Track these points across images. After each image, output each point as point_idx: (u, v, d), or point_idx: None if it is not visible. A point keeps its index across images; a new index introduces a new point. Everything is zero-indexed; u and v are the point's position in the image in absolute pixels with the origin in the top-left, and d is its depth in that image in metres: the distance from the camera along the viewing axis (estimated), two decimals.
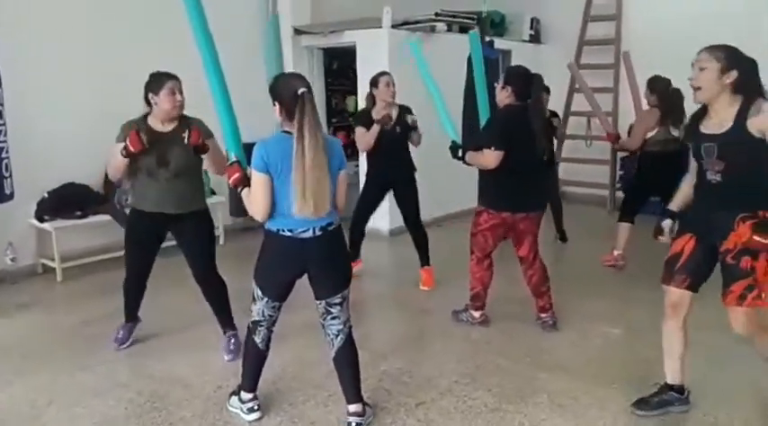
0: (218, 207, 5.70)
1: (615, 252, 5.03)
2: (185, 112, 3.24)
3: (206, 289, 3.40)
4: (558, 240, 5.80)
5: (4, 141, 3.53)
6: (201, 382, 3.13)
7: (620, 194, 7.36)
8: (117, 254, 4.88)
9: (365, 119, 4.29)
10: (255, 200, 2.47)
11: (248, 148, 2.81)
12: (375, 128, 4.19)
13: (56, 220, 4.73)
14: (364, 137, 4.24)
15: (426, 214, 6.32)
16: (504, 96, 3.50)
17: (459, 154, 3.73)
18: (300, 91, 2.38)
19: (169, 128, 3.20)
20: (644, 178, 4.88)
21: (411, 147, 4.47)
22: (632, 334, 3.73)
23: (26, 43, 4.60)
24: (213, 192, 5.67)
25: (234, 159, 2.69)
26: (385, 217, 5.79)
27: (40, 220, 4.70)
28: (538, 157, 3.53)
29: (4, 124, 3.50)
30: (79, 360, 3.37)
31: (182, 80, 3.21)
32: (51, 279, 4.75)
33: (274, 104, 2.50)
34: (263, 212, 2.48)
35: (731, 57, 2.41)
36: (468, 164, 3.71)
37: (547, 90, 5.03)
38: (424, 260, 4.59)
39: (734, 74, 2.39)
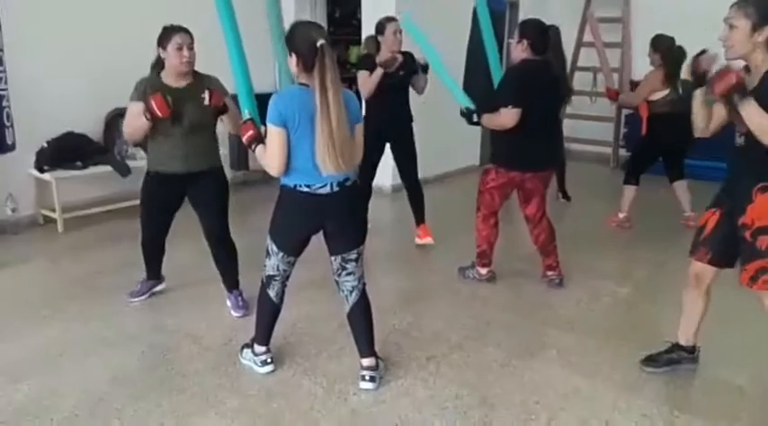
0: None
1: (620, 215, 5.03)
2: (198, 69, 3.13)
3: (218, 250, 3.36)
4: (560, 198, 5.78)
5: (5, 89, 3.40)
6: (212, 335, 3.14)
7: (623, 152, 7.35)
8: (118, 206, 4.88)
9: (369, 63, 4.10)
10: (272, 155, 2.42)
11: (258, 99, 2.77)
12: (378, 71, 4.00)
13: (56, 170, 4.64)
14: (367, 82, 4.04)
15: (428, 171, 6.31)
16: (520, 50, 3.40)
17: (475, 118, 3.59)
18: (320, 43, 2.29)
19: (183, 83, 3.09)
20: (653, 141, 4.82)
21: (412, 98, 4.33)
22: (639, 293, 3.75)
23: None
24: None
25: (248, 116, 2.63)
26: (387, 173, 5.73)
27: (40, 171, 4.62)
28: (553, 114, 3.47)
29: (4, 71, 3.37)
30: (89, 311, 3.37)
31: (201, 28, 3.10)
32: (52, 230, 4.70)
33: (290, 55, 2.41)
34: (279, 167, 2.43)
35: (765, 13, 2.26)
36: (482, 126, 3.63)
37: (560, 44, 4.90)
38: (420, 217, 4.52)
39: (767, 31, 2.26)
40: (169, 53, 3.00)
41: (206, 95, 3.03)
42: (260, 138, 2.53)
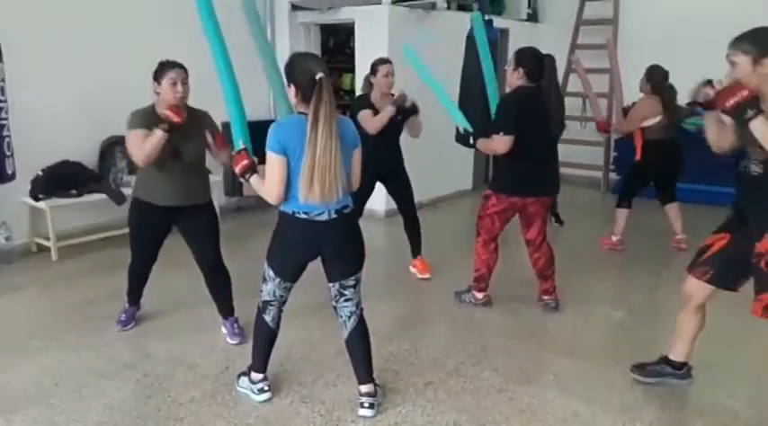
0: (213, 186, 5.60)
1: (614, 238, 5.08)
2: (192, 99, 3.17)
3: (212, 279, 3.39)
4: (553, 222, 5.81)
5: (6, 119, 3.43)
6: (208, 363, 3.13)
7: (613, 176, 7.42)
8: (112, 233, 4.87)
9: (366, 102, 4.13)
10: (271, 183, 2.44)
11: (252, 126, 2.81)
12: (390, 109, 3.96)
13: (50, 199, 4.65)
14: (372, 121, 3.98)
15: (421, 195, 6.34)
16: (515, 78, 3.46)
17: (471, 142, 3.64)
18: (318, 76, 2.34)
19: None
20: (646, 166, 4.89)
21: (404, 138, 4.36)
22: (634, 316, 3.77)
23: (26, 22, 4.50)
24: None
25: (241, 146, 2.66)
26: (380, 198, 5.75)
27: (35, 199, 4.62)
28: (550, 140, 3.52)
29: (5, 101, 3.40)
30: (83, 341, 3.35)
31: (196, 59, 3.15)
32: (46, 258, 4.69)
33: (289, 86, 2.45)
34: (277, 195, 2.45)
35: (761, 46, 2.23)
36: (478, 150, 3.68)
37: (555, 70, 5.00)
38: (417, 249, 4.49)
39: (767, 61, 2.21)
40: (163, 87, 3.04)
41: (209, 137, 3.09)
42: (254, 168, 2.56)
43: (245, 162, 2.57)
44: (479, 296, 3.85)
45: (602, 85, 7.01)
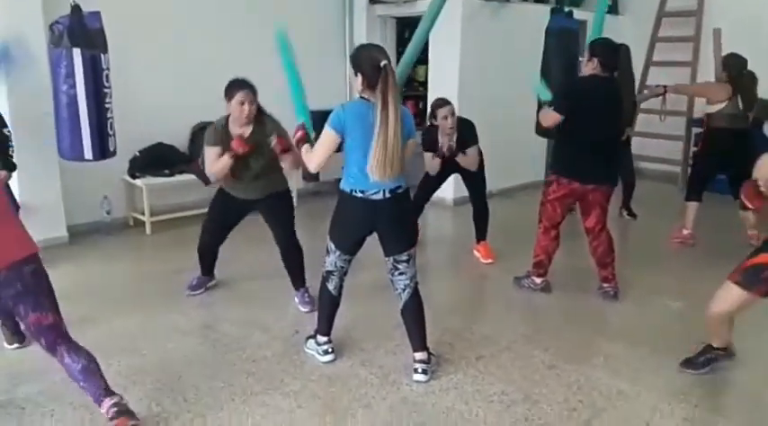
0: (292, 172, 5.95)
1: (684, 231, 5.01)
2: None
3: (287, 254, 3.72)
4: (625, 216, 5.77)
5: (110, 103, 3.86)
6: (280, 327, 3.43)
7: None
8: (200, 211, 5.25)
9: (431, 140, 4.32)
10: (318, 153, 2.72)
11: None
12: (432, 161, 4.30)
13: (146, 177, 5.13)
14: (427, 164, 4.35)
15: (493, 185, 6.44)
16: (589, 68, 3.53)
17: (542, 102, 3.81)
18: (383, 63, 2.56)
19: (248, 131, 3.44)
20: (710, 155, 4.82)
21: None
22: (692, 309, 3.74)
23: (127, 17, 4.95)
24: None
25: (301, 121, 2.97)
26: (450, 186, 5.91)
27: (133, 177, 5.11)
28: (614, 129, 3.58)
29: (109, 87, 3.83)
30: (170, 304, 3.72)
31: (262, 65, 3.47)
32: (141, 232, 5.17)
33: (356, 75, 2.67)
34: (319, 164, 2.75)
35: None
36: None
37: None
38: (482, 234, 4.62)
39: None
40: (233, 106, 3.37)
41: (273, 139, 3.38)
42: (307, 140, 2.87)
43: (300, 133, 2.91)
44: (538, 281, 3.95)
45: (684, 78, 6.85)
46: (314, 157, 2.74)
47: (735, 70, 4.65)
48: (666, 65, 7.23)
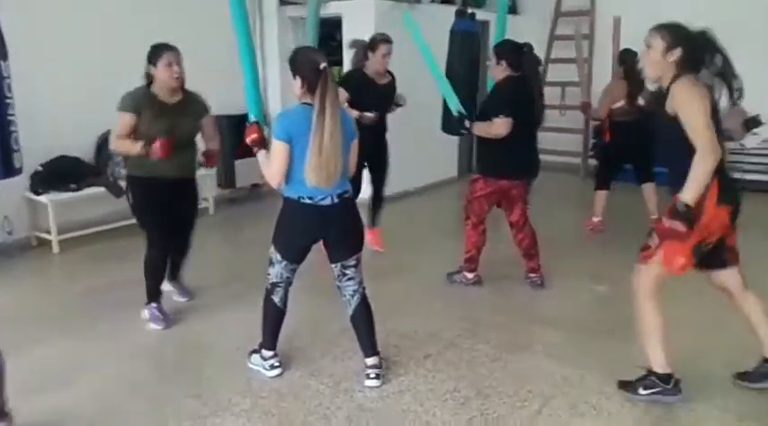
0: (207, 178, 5.77)
1: (595, 219, 5.33)
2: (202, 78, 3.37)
3: (183, 251, 3.65)
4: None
5: (13, 115, 3.52)
6: (221, 343, 3.30)
7: (592, 162, 7.68)
8: (112, 226, 4.99)
9: (358, 81, 4.25)
10: (274, 167, 2.62)
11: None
12: (354, 113, 4.09)
13: (50, 193, 4.76)
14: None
15: (409, 183, 6.56)
16: (499, 71, 3.68)
17: (467, 124, 3.82)
18: (322, 65, 2.52)
19: (175, 99, 3.31)
20: (615, 147, 5.18)
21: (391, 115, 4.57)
22: (615, 290, 4.01)
23: (25, 21, 4.58)
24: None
25: (253, 120, 2.83)
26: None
27: (36, 193, 4.73)
28: (536, 125, 3.76)
29: (12, 98, 3.50)
30: (95, 328, 3.49)
31: (186, 49, 3.31)
32: (47, 252, 4.80)
33: (295, 78, 2.62)
34: (278, 178, 2.64)
35: (676, 35, 2.45)
36: (471, 134, 3.87)
37: (538, 61, 5.21)
38: (376, 220, 4.71)
39: (678, 52, 2.44)
40: (159, 69, 3.19)
41: (202, 159, 3.39)
42: (264, 142, 2.73)
43: (256, 135, 2.73)
44: (470, 275, 4.06)
45: (574, 76, 7.25)
46: (272, 174, 2.64)
47: (629, 64, 5.00)
48: (565, 62, 7.63)
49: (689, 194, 2.37)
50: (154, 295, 3.48)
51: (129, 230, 3.61)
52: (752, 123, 6.29)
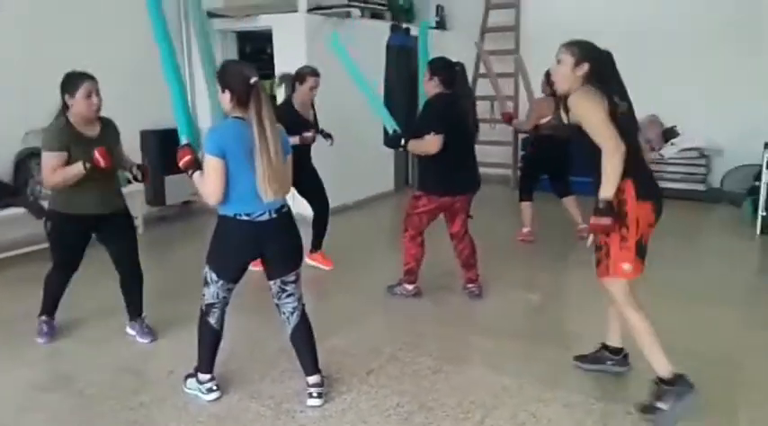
0: (135, 195, 5.55)
1: (524, 230, 5.47)
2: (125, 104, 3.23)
3: (131, 281, 3.46)
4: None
5: None
6: (151, 368, 3.17)
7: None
8: (33, 248, 4.71)
9: (292, 117, 4.17)
10: (210, 184, 2.54)
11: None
12: (305, 137, 4.20)
13: None
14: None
15: (346, 197, 6.55)
16: (431, 86, 3.73)
17: (402, 142, 3.82)
18: (253, 80, 2.48)
19: (96, 131, 3.19)
20: (537, 159, 5.38)
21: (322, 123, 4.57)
22: (547, 298, 4.14)
23: None
24: (130, 181, 5.52)
25: (185, 142, 2.74)
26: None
27: None
28: (470, 141, 3.82)
29: None
30: (14, 357, 3.28)
31: (109, 62, 3.19)
32: None
33: (223, 91, 2.56)
34: (217, 195, 2.55)
35: (584, 51, 2.62)
36: (407, 151, 3.88)
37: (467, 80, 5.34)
38: (320, 243, 4.72)
39: (585, 66, 2.62)
40: (78, 100, 3.06)
41: (136, 172, 3.29)
42: (197, 164, 2.65)
43: (189, 157, 2.66)
44: (410, 287, 4.08)
45: (508, 89, 7.47)
46: (208, 191, 2.55)
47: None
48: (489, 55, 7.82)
49: (605, 190, 2.54)
50: (46, 308, 3.48)
51: (48, 254, 3.40)
52: (669, 133, 6.70)
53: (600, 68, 2.63)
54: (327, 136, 4.56)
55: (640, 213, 2.61)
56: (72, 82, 3.07)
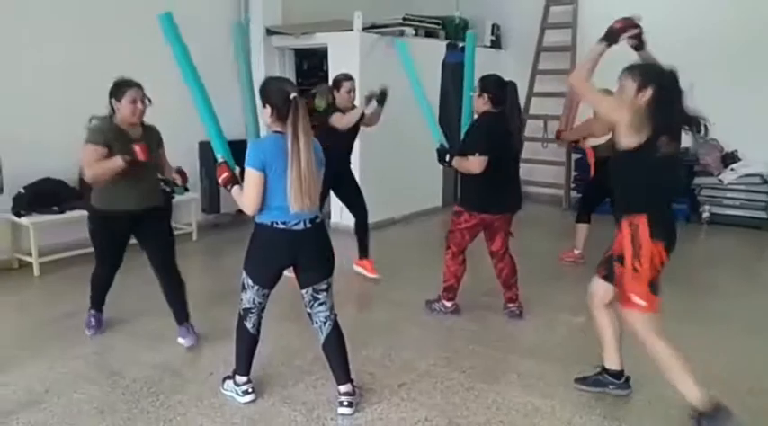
0: (191, 203, 5.80)
1: (575, 251, 5.39)
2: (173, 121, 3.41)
3: (169, 284, 3.57)
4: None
5: None
6: (192, 369, 3.30)
7: (574, 194, 7.80)
8: (92, 249, 4.96)
9: (336, 109, 4.48)
10: (249, 196, 2.66)
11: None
12: (358, 110, 4.38)
13: (32, 215, 4.76)
14: (344, 118, 4.40)
15: (395, 212, 6.62)
16: (481, 103, 3.75)
17: (447, 158, 3.87)
18: (293, 96, 2.59)
19: (138, 131, 3.37)
20: (599, 182, 5.26)
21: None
22: (591, 322, 4.03)
23: (7, 44, 4.64)
24: (186, 189, 5.75)
25: (221, 160, 2.88)
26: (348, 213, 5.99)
27: (18, 215, 4.73)
28: (514, 160, 3.82)
29: None
30: (69, 350, 3.48)
31: (161, 80, 3.37)
32: (28, 274, 4.79)
33: (265, 106, 2.68)
34: (254, 206, 2.67)
35: (648, 75, 2.57)
36: (452, 167, 3.92)
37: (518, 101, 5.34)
38: (366, 250, 4.83)
39: (649, 92, 2.53)
40: (123, 105, 3.26)
41: (177, 178, 3.43)
42: (235, 180, 2.79)
43: (226, 174, 2.81)
44: (448, 304, 4.09)
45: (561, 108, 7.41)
46: (247, 202, 2.67)
47: None
48: (547, 95, 7.79)
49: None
50: (93, 302, 3.70)
51: None
52: (729, 158, 6.48)
53: (663, 94, 2.55)
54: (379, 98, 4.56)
55: (653, 252, 2.60)
56: (119, 88, 3.28)
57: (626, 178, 2.70)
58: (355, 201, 4.77)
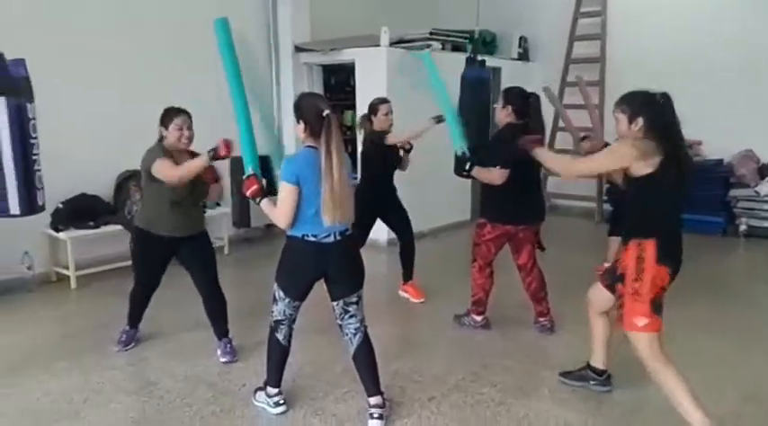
0: (222, 218, 5.90)
1: (606, 264, 5.30)
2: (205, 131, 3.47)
3: (211, 302, 3.63)
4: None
5: (38, 154, 3.69)
6: (225, 381, 3.34)
7: (607, 206, 7.70)
8: (127, 263, 5.06)
9: (378, 136, 4.42)
10: (283, 210, 2.70)
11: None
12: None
13: (69, 230, 4.90)
14: (401, 134, 4.42)
15: (422, 225, 6.61)
16: (504, 115, 3.76)
17: (467, 167, 3.84)
18: (326, 112, 2.63)
19: (185, 159, 3.41)
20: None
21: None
22: (626, 337, 3.97)
23: (51, 64, 4.80)
24: (218, 204, 5.86)
25: (251, 172, 2.90)
26: (382, 228, 6.01)
27: (56, 230, 4.87)
28: (536, 172, 3.80)
29: (37, 138, 3.67)
30: (106, 361, 3.56)
31: (208, 93, 3.44)
32: (65, 287, 4.92)
33: (299, 122, 2.73)
34: (288, 220, 2.71)
35: (635, 105, 2.59)
36: (472, 178, 3.91)
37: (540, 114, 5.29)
38: (410, 275, 4.77)
39: (640, 121, 2.58)
40: (171, 132, 3.36)
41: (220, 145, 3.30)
42: (264, 192, 2.83)
43: (255, 186, 2.83)
44: (478, 318, 4.07)
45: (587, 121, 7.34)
46: (280, 216, 2.71)
47: None
48: (577, 107, 7.71)
49: (541, 154, 3.17)
50: (129, 319, 3.76)
51: None
52: (766, 170, 6.34)
53: (655, 119, 2.57)
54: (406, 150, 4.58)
55: (656, 274, 2.60)
56: (167, 115, 3.39)
57: (639, 203, 2.71)
58: (402, 225, 4.70)
